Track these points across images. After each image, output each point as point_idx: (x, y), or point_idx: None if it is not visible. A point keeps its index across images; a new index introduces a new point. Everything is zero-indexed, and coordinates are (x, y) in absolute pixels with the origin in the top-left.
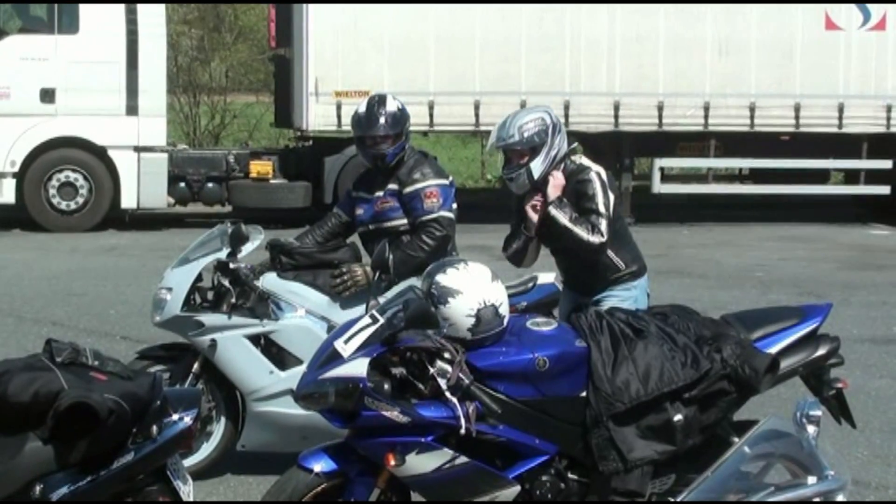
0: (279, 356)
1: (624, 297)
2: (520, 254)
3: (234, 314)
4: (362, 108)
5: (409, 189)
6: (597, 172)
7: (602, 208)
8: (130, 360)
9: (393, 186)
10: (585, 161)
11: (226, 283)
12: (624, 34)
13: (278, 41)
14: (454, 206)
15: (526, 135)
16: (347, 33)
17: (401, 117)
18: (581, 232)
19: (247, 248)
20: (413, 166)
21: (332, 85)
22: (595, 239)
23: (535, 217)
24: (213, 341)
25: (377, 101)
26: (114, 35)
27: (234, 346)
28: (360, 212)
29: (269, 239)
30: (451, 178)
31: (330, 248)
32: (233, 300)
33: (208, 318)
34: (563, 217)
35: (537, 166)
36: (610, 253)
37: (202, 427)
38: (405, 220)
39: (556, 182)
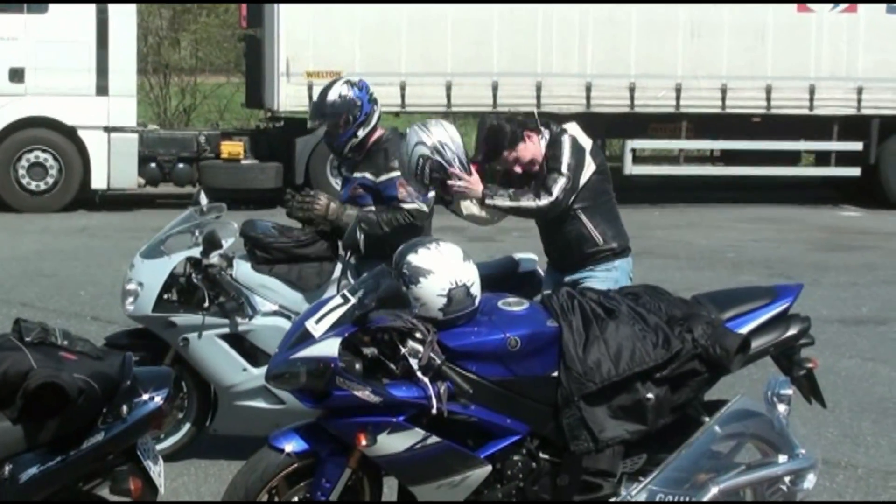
0: (252, 351)
1: (603, 278)
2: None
3: (207, 314)
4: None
5: (384, 177)
6: (571, 136)
7: (563, 168)
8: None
9: (368, 176)
10: (571, 127)
11: (198, 280)
12: (596, 15)
13: (249, 21)
14: (430, 195)
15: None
16: (319, 13)
17: (342, 104)
18: (527, 203)
19: (218, 252)
20: (390, 153)
21: (303, 65)
22: (543, 202)
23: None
24: (186, 340)
25: (323, 90)
26: (83, 14)
27: (206, 345)
28: (341, 192)
29: (243, 224)
30: None
31: (306, 241)
32: (205, 300)
33: (181, 319)
34: (502, 201)
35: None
36: (589, 224)
37: (173, 412)
38: (374, 209)
39: (467, 182)
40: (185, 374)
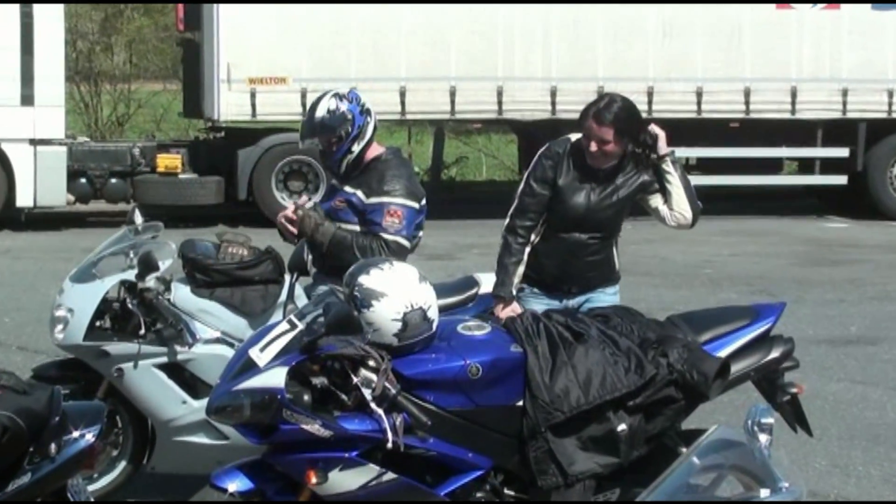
0: (192, 382)
1: (611, 301)
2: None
3: (143, 342)
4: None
5: (373, 199)
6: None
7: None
8: (26, 378)
9: (359, 194)
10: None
11: (133, 305)
12: (561, 15)
13: (187, 24)
14: (419, 234)
15: None
16: (262, 15)
17: (332, 120)
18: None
19: (155, 275)
20: (386, 176)
21: (245, 71)
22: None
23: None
24: (121, 370)
25: (312, 106)
26: (5, 16)
27: (142, 376)
28: (321, 202)
29: (182, 244)
30: (423, 201)
31: (249, 263)
32: (141, 327)
33: (115, 348)
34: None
35: None
36: (615, 249)
37: (107, 449)
38: (357, 228)
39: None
40: (120, 408)
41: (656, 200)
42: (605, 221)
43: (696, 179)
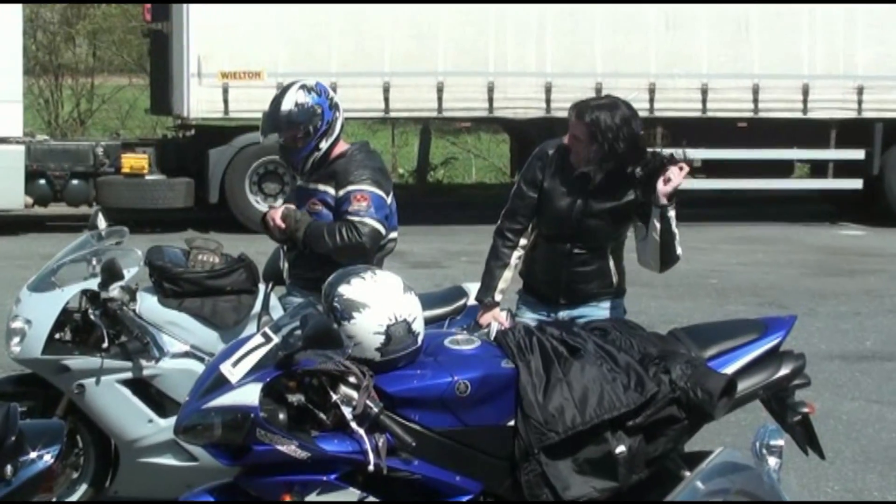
0: (159, 399)
1: (608, 316)
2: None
3: (106, 356)
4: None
5: (342, 191)
6: None
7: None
8: None
9: (330, 191)
10: None
11: (96, 316)
12: (557, 5)
13: (154, 14)
14: (392, 234)
15: None
16: (236, 4)
17: (299, 114)
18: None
19: (119, 284)
20: (353, 166)
21: (217, 64)
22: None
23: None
24: (82, 387)
25: (276, 98)
26: None
27: (105, 392)
28: (295, 203)
29: (148, 251)
30: (390, 197)
31: (221, 271)
32: (104, 339)
33: (76, 363)
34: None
35: None
36: (611, 260)
37: (67, 471)
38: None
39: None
40: (81, 427)
41: (638, 230)
42: (593, 231)
43: (701, 183)
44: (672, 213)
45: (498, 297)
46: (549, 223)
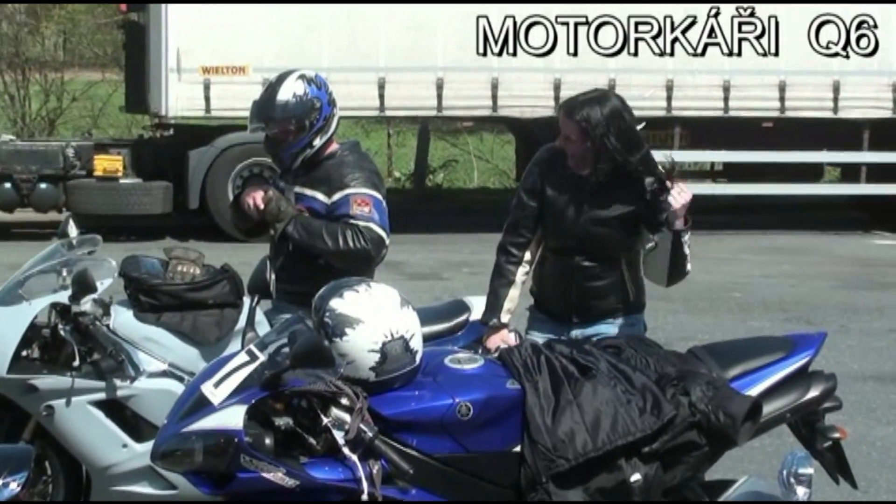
0: (134, 422)
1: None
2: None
3: (78, 375)
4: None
5: (337, 195)
6: None
7: None
8: None
9: (319, 196)
10: None
11: (66, 331)
12: None
13: (130, 3)
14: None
15: None
16: None
17: (296, 106)
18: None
19: (92, 297)
20: (346, 168)
21: (198, 59)
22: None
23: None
24: (51, 408)
25: (271, 86)
26: None
27: (76, 415)
28: None
29: (123, 261)
30: (383, 199)
31: (202, 283)
32: (75, 357)
33: (44, 382)
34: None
35: None
36: (626, 274)
37: (34, 500)
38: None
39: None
40: (50, 452)
41: (644, 240)
42: (601, 241)
43: (723, 188)
44: (686, 237)
45: (505, 317)
46: (554, 234)
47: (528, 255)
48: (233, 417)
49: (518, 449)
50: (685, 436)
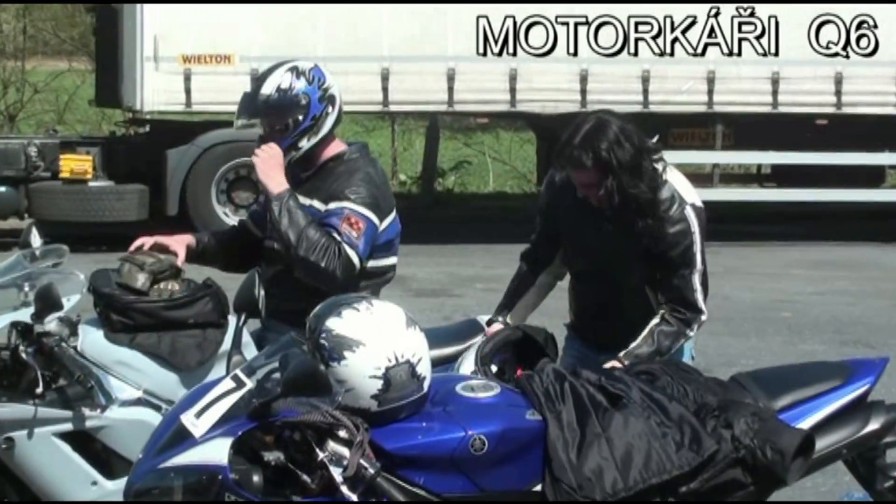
0: (105, 456)
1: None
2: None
3: (41, 404)
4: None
5: (333, 204)
6: (693, 206)
7: (698, 261)
8: None
9: (314, 204)
10: (678, 179)
11: (28, 354)
12: None
13: None
14: (388, 261)
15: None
16: None
17: (279, 100)
18: (678, 338)
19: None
20: (351, 177)
21: (177, 46)
22: (696, 326)
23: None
24: (10, 441)
25: (260, 77)
26: None
27: (40, 448)
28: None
29: (93, 275)
30: (392, 216)
31: (182, 301)
32: (39, 383)
33: (3, 411)
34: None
35: None
36: (654, 301)
37: None
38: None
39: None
40: (9, 490)
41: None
42: (625, 270)
43: (771, 194)
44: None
45: (510, 318)
46: (574, 262)
47: (554, 269)
48: (216, 451)
49: (539, 488)
50: (728, 473)
